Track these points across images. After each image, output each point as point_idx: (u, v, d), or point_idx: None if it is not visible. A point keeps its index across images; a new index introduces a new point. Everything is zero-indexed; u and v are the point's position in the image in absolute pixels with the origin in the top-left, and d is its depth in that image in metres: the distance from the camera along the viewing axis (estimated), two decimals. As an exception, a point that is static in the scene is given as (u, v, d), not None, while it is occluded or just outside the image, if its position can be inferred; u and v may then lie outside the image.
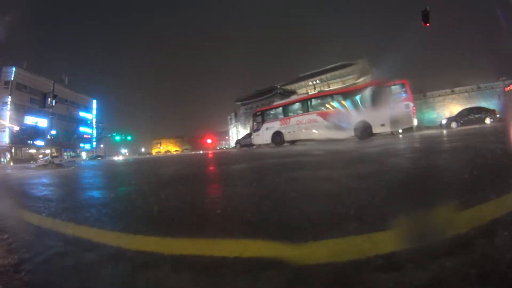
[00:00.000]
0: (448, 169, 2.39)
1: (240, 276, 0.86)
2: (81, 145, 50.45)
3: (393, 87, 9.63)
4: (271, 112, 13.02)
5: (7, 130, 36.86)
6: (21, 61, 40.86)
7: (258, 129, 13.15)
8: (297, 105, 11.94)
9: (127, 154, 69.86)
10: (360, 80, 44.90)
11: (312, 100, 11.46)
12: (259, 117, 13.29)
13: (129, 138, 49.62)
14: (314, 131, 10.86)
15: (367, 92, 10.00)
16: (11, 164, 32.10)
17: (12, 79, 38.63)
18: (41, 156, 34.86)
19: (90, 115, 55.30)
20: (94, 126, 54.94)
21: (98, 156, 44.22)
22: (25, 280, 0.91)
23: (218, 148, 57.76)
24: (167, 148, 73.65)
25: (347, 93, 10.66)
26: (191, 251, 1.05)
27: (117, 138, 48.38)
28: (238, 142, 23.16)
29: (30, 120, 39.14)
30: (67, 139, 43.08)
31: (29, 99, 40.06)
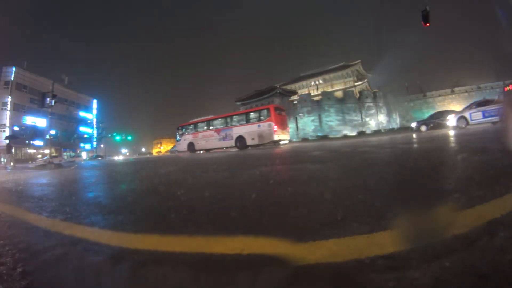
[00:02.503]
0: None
1: (240, 273, 0.86)
2: (81, 145, 50.40)
3: (261, 111, 13.40)
4: (189, 127, 16.64)
5: (7, 130, 36.83)
6: (21, 61, 40.88)
7: (179, 140, 16.88)
8: (203, 124, 15.93)
9: (128, 154, 69.73)
10: (359, 83, 45.02)
11: (212, 120, 15.59)
12: (180, 131, 16.88)
13: (129, 138, 49.77)
14: (212, 143, 14.93)
15: (244, 115, 14.20)
16: (11, 164, 32.01)
17: (12, 79, 38.61)
18: (39, 156, 34.83)
19: (91, 115, 55.26)
20: (95, 126, 54.88)
21: (98, 156, 44.21)
22: (25, 280, 0.91)
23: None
24: (168, 148, 73.64)
25: (232, 116, 14.82)
26: (191, 248, 1.05)
27: (118, 138, 48.43)
28: (170, 151, 30.69)
29: (29, 120, 39.11)
30: (67, 139, 43.04)
31: (29, 99, 40.03)
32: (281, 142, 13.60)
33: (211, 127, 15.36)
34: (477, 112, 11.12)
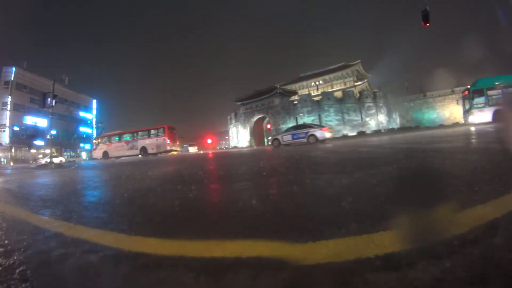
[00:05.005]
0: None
1: (240, 276, 0.86)
2: (81, 145, 50.42)
3: (158, 129, 17.85)
4: (103, 138, 20.57)
5: (7, 130, 36.83)
6: (21, 61, 40.87)
7: (96, 148, 20.38)
8: (115, 137, 19.86)
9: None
10: (359, 83, 45.04)
11: (122, 134, 19.63)
12: (97, 141, 20.92)
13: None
14: (122, 151, 18.66)
15: (147, 131, 18.25)
16: (11, 164, 32.08)
17: (12, 79, 38.60)
18: (40, 156, 34.84)
19: (90, 115, 55.28)
20: (94, 126, 54.89)
21: None
22: (25, 281, 0.91)
23: (218, 148, 57.84)
24: (167, 148, 73.35)
25: (138, 132, 18.74)
26: (191, 252, 1.05)
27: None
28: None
29: (30, 120, 39.09)
30: (67, 139, 43.06)
31: (29, 99, 40.04)
32: (190, 151, 19.59)
33: (121, 139, 19.26)
34: (287, 135, 13.96)
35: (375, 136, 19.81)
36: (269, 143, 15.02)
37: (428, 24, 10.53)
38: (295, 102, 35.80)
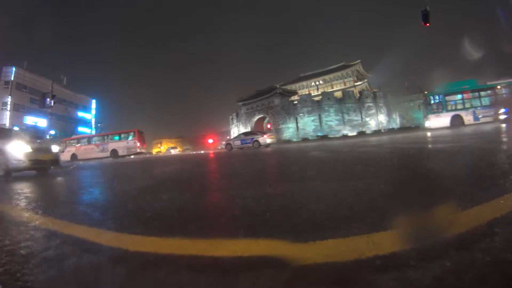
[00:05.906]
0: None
1: (242, 276, 0.86)
2: (80, 145, 50.34)
3: (129, 133, 19.61)
4: (71, 141, 21.54)
5: (7, 130, 36.78)
6: (21, 61, 40.88)
7: (63, 151, 20.31)
8: (85, 139, 21.27)
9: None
10: (359, 83, 45.01)
11: (93, 137, 21.29)
12: (65, 143, 21.53)
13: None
14: (92, 153, 19.87)
15: (118, 135, 20.02)
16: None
17: (12, 79, 38.59)
18: None
19: (89, 115, 55.21)
20: (93, 126, 54.76)
21: None
22: (24, 280, 0.91)
23: (219, 148, 57.87)
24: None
25: (109, 135, 20.38)
26: (192, 251, 1.05)
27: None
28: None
29: (30, 120, 39.08)
30: (66, 139, 43.09)
31: (29, 99, 40.03)
32: (172, 152, 22.74)
33: (91, 142, 20.47)
34: (238, 140, 16.90)
35: (353, 138, 20.27)
36: (223, 146, 16.94)
37: (428, 24, 10.54)
38: (295, 102, 35.77)
